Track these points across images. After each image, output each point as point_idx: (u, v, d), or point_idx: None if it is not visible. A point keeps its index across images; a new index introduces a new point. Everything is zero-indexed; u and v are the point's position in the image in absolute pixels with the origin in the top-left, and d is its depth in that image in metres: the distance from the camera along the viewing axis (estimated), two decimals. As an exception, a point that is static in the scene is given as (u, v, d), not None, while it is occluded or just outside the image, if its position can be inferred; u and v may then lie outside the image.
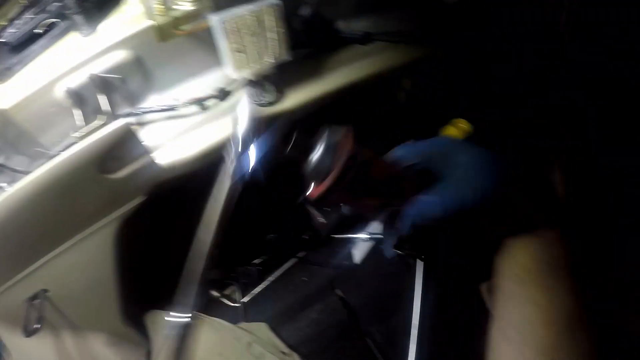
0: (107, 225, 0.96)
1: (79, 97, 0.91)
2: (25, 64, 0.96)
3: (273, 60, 0.93)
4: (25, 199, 0.84)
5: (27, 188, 0.83)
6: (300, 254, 1.48)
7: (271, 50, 0.92)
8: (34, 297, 1.02)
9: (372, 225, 1.46)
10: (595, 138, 1.02)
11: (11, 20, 1.20)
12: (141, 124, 0.97)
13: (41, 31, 1.01)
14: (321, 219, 1.46)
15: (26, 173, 1.10)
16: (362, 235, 1.42)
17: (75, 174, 0.83)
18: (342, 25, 1.10)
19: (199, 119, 1.00)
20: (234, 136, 0.60)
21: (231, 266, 1.45)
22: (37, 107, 0.93)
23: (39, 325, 0.99)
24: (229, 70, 0.93)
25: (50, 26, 1.00)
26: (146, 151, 0.88)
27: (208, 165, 0.99)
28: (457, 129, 1.31)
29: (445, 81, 1.27)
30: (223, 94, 1.00)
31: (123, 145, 0.84)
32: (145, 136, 0.95)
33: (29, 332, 1.00)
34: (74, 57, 0.91)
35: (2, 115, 0.94)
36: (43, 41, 0.97)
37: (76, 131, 0.97)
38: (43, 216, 0.88)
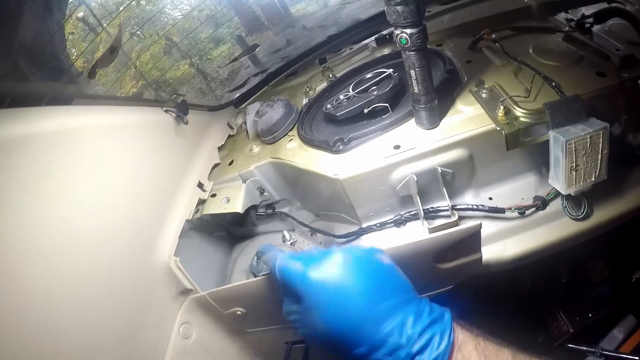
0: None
1: (416, 185, 1.00)
2: (364, 142, 1.08)
3: (594, 179, 0.95)
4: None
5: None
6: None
7: (595, 169, 0.94)
8: (299, 343, 1.17)
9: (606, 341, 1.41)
10: None
11: (325, 93, 1.36)
12: (461, 219, 1.04)
13: (366, 112, 1.12)
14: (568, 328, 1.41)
15: (308, 227, 1.23)
16: (594, 350, 1.34)
17: (415, 260, 0.89)
18: (633, 139, 1.10)
19: (518, 223, 1.04)
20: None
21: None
22: (367, 183, 1.05)
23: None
24: (556, 185, 0.97)
25: (376, 108, 1.12)
26: (479, 249, 0.91)
27: (517, 267, 1.04)
28: None
29: None
30: (543, 204, 1.03)
31: (465, 241, 0.88)
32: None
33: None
34: (418, 146, 1.01)
35: (332, 184, 1.07)
36: (381, 124, 1.09)
37: (401, 213, 1.07)
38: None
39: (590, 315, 1.45)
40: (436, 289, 1.00)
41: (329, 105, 1.21)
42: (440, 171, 0.98)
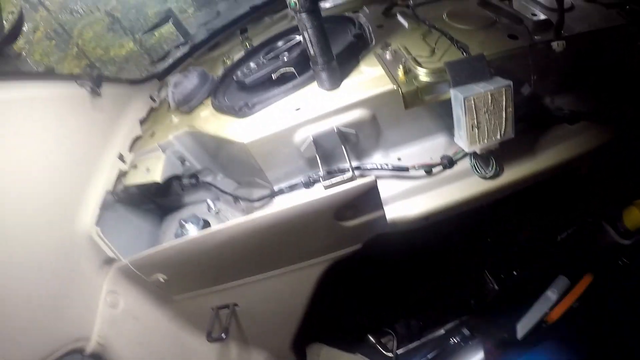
0: (320, 264, 1.06)
1: (318, 145, 1.03)
2: (267, 105, 1.10)
3: (500, 138, 0.97)
4: (263, 225, 0.95)
5: (269, 217, 0.93)
6: (464, 318, 1.49)
7: (500, 127, 0.96)
8: (223, 307, 1.17)
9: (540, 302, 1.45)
10: None
11: (240, 62, 1.36)
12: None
13: (274, 77, 1.14)
14: (494, 286, 1.45)
15: (229, 194, 1.25)
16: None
17: (314, 218, 0.93)
18: (550, 103, 1.13)
19: (424, 182, 1.07)
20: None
21: (394, 315, 1.50)
22: (272, 146, 1.06)
23: (224, 336, 1.09)
24: (461, 143, 1.00)
25: (285, 74, 1.14)
26: (381, 206, 0.96)
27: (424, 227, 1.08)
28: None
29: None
30: (449, 163, 1.06)
31: (364, 198, 0.92)
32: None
33: (212, 339, 1.11)
34: (318, 107, 1.02)
35: (240, 148, 1.08)
36: (284, 87, 1.10)
37: (309, 175, 1.10)
38: (270, 243, 1.00)
39: (514, 273, 1.48)
40: (343, 247, 1.04)
41: (239, 73, 1.22)
42: (336, 130, 1.00)
